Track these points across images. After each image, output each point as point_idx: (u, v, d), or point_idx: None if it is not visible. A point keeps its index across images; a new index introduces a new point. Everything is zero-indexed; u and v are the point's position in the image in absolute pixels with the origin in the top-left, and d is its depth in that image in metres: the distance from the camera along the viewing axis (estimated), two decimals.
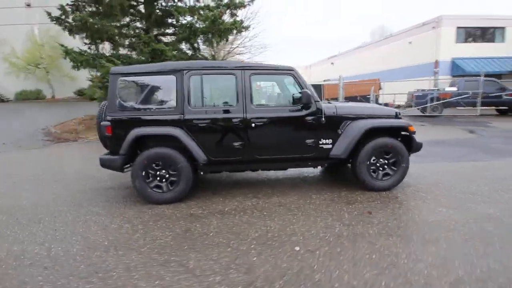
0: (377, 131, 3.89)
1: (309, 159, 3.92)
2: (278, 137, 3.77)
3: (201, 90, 3.68)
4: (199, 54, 13.45)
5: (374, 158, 3.91)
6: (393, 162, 3.94)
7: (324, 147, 3.85)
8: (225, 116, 3.65)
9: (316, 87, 13.63)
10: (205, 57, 14.47)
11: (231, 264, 2.36)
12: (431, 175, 4.63)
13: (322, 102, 3.96)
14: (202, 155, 3.61)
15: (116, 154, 3.60)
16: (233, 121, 3.65)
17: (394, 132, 4.01)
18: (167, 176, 3.64)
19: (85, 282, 2.17)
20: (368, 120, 3.88)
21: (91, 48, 11.83)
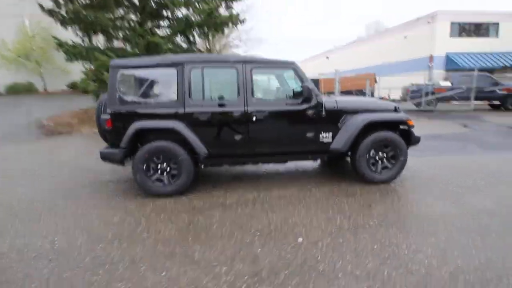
0: (376, 125, 3.93)
1: (310, 153, 3.95)
2: (279, 131, 3.79)
3: (202, 84, 3.66)
4: (195, 48, 13.33)
5: (373, 152, 3.96)
6: (392, 156, 3.99)
7: (325, 141, 3.88)
8: (226, 110, 3.65)
9: (314, 82, 13.66)
10: (201, 51, 14.35)
11: (236, 256, 2.40)
12: (428, 169, 4.70)
13: (322, 96, 3.98)
14: (203, 148, 3.61)
15: (117, 148, 3.58)
16: (234, 115, 3.65)
17: (393, 126, 4.06)
18: (168, 169, 3.64)
19: (91, 274, 2.18)
20: (368, 114, 3.91)
21: (85, 41, 11.63)
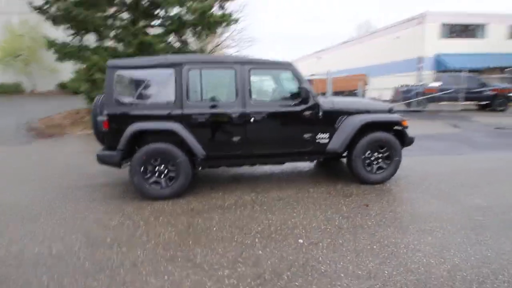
0: (372, 126, 3.98)
1: (307, 153, 3.99)
2: (277, 132, 3.81)
3: (200, 85, 3.65)
4: (188, 47, 13.25)
5: (369, 152, 4.01)
6: (387, 156, 4.06)
7: (321, 142, 3.92)
8: (224, 111, 3.65)
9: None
10: (194, 50, 14.28)
11: (238, 258, 2.40)
12: (421, 168, 4.80)
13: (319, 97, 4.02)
14: (201, 150, 3.60)
15: (114, 150, 3.54)
16: (232, 116, 3.65)
17: (388, 127, 4.12)
18: (166, 172, 3.62)
19: (92, 280, 2.16)
20: (364, 115, 3.96)
21: (76, 40, 11.44)
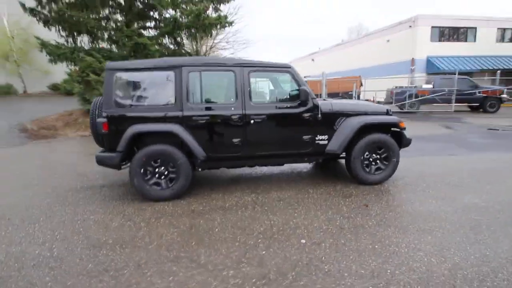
0: (370, 127, 4.04)
1: (306, 155, 4.02)
2: (276, 133, 3.84)
3: (200, 87, 3.66)
4: (183, 49, 13.22)
5: (367, 153, 4.07)
6: (385, 157, 4.11)
7: (320, 143, 3.96)
8: (224, 113, 3.66)
9: None
10: (188, 52, 14.26)
11: (242, 258, 2.41)
12: (417, 169, 4.87)
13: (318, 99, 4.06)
14: (201, 152, 3.61)
15: (113, 152, 3.52)
16: (232, 118, 3.66)
17: (386, 128, 4.18)
18: (166, 173, 3.61)
19: (97, 281, 2.15)
20: (362, 117, 4.02)
21: (69, 41, 11.33)
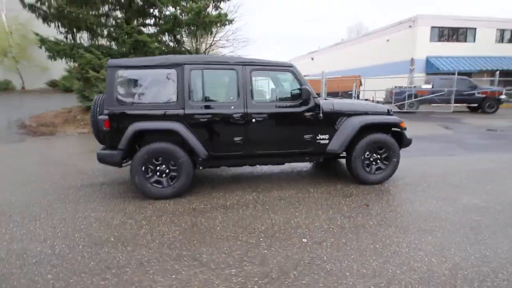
0: (371, 127, 4.05)
1: (307, 154, 4.03)
2: (278, 132, 3.84)
3: (202, 85, 3.65)
4: (182, 47, 13.18)
5: (368, 153, 4.08)
6: (385, 157, 4.13)
7: (322, 142, 3.96)
8: (226, 111, 3.66)
9: None
10: (188, 50, 14.22)
11: (244, 257, 2.42)
12: (417, 169, 4.89)
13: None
14: (203, 150, 3.61)
15: (114, 149, 3.51)
16: (234, 116, 3.66)
17: (387, 128, 4.19)
18: (167, 171, 3.61)
19: (100, 279, 2.15)
20: (363, 117, 4.03)
21: (68, 38, 11.27)
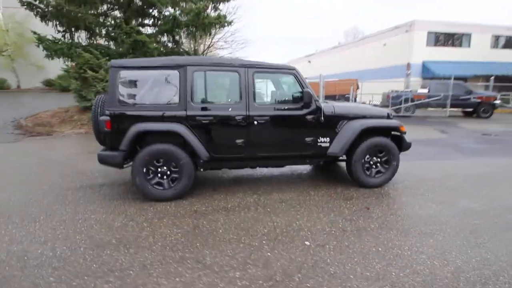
0: (371, 131, 4.08)
1: (308, 157, 4.04)
2: (280, 135, 3.85)
3: (205, 87, 3.66)
4: (181, 48, 13.17)
5: (368, 156, 4.10)
6: (385, 160, 4.16)
7: (322, 145, 3.98)
8: (228, 113, 3.66)
9: None
10: (186, 51, 14.21)
11: (247, 260, 2.42)
12: (416, 173, 4.93)
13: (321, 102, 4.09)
14: (205, 152, 3.61)
15: (115, 150, 3.49)
16: (236, 118, 3.66)
17: (387, 132, 4.22)
18: (168, 173, 3.60)
19: (103, 282, 2.13)
20: (364, 120, 4.06)
21: (66, 37, 11.20)
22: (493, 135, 9.10)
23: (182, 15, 11.51)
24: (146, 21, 12.83)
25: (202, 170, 4.00)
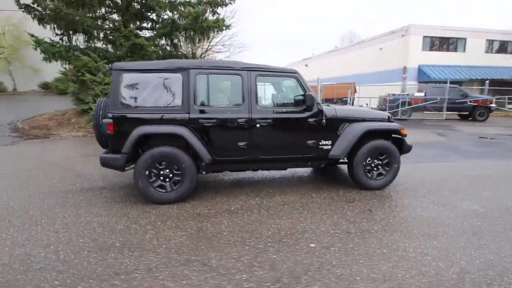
0: (372, 133, 4.11)
1: (310, 159, 4.05)
2: (282, 138, 3.86)
3: (207, 90, 3.66)
4: (179, 51, 13.18)
5: (369, 159, 4.13)
6: (386, 163, 4.18)
7: (324, 148, 4.00)
8: (231, 116, 3.67)
9: None
10: (184, 54, 14.23)
11: (253, 262, 2.41)
12: (416, 175, 4.97)
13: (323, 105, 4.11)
14: (207, 155, 3.60)
15: (117, 153, 3.48)
16: (239, 121, 3.67)
17: (388, 135, 4.25)
18: (171, 176, 3.58)
19: (108, 285, 2.11)
20: (365, 123, 4.08)
21: (63, 40, 11.17)
22: (490, 138, 9.20)
23: (181, 19, 11.54)
24: (145, 25, 12.85)
25: (204, 173, 3.99)
